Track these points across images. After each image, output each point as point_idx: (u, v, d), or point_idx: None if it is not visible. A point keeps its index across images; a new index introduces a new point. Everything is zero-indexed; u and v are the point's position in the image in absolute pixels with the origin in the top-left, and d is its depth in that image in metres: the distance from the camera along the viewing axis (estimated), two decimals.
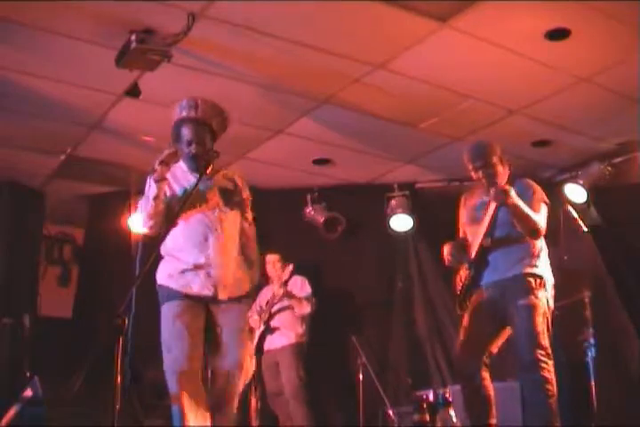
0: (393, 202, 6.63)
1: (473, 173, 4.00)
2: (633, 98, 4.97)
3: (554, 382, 3.62)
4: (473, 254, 3.89)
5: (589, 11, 4.01)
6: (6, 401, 4.49)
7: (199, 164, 3.44)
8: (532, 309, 3.69)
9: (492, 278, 3.84)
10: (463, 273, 4.01)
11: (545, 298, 3.77)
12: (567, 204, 6.14)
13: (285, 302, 5.76)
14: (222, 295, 3.43)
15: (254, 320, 5.62)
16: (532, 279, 3.76)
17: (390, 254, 6.84)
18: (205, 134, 3.56)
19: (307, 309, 5.76)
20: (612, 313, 5.67)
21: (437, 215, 4.44)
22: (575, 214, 6.17)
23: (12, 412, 4.34)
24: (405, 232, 6.64)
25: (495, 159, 3.95)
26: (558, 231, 6.03)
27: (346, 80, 4.84)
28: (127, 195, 6.39)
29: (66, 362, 5.88)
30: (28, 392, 4.45)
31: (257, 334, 5.64)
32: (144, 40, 4.07)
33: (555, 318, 5.36)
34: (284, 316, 5.78)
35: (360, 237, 6.81)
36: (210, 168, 3.29)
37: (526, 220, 3.75)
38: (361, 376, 5.61)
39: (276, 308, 5.77)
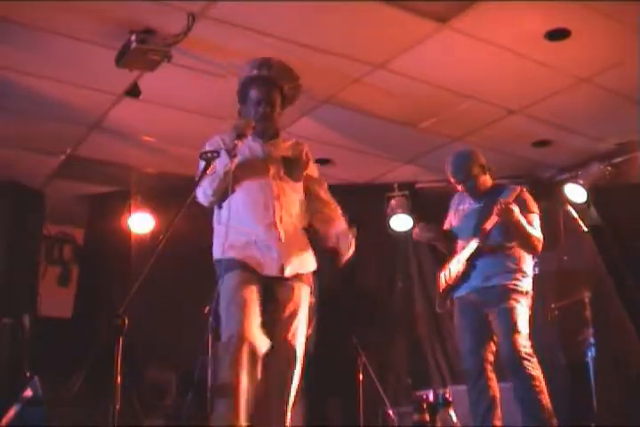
0: (393, 202, 6.63)
1: (456, 186, 4.07)
2: (633, 98, 4.97)
3: (541, 378, 3.68)
4: (467, 257, 3.94)
5: (589, 11, 4.01)
6: (6, 401, 4.49)
7: (267, 126, 3.26)
8: (511, 311, 3.77)
9: (477, 285, 3.90)
10: (449, 273, 4.05)
11: (526, 303, 3.83)
12: (567, 204, 6.14)
13: None
14: (286, 272, 3.14)
15: None
16: (512, 288, 3.83)
17: (390, 254, 6.84)
18: (276, 95, 3.30)
19: None
20: (611, 313, 5.67)
21: (437, 215, 4.45)
22: (575, 214, 6.17)
23: (11, 412, 4.34)
24: (405, 232, 6.64)
25: (476, 170, 4.02)
26: (558, 231, 6.03)
27: (346, 80, 4.84)
28: (127, 195, 6.40)
29: (66, 362, 5.88)
30: (28, 392, 4.45)
31: None
32: (144, 40, 4.07)
33: (554, 317, 5.39)
34: None
35: (360, 237, 6.79)
36: (209, 168, 3.04)
37: (528, 238, 3.85)
38: (361, 376, 5.61)
39: None
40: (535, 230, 3.87)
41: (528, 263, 3.98)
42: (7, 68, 4.62)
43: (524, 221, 3.80)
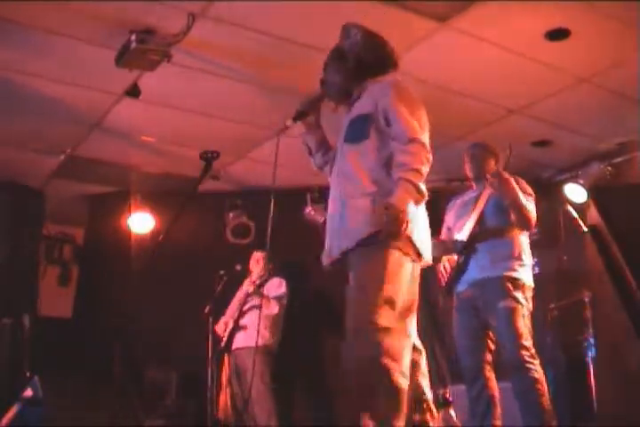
0: None
1: (465, 161, 4.11)
2: (633, 98, 4.97)
3: (543, 381, 3.65)
4: (465, 237, 3.92)
5: (589, 11, 4.00)
6: (6, 401, 4.49)
7: (327, 92, 3.03)
8: (511, 311, 3.73)
9: (474, 276, 3.87)
10: (447, 264, 4.03)
11: (524, 299, 3.80)
12: (567, 204, 6.14)
13: (256, 301, 5.62)
14: (325, 260, 2.94)
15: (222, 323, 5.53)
16: (509, 283, 3.80)
17: None
18: (331, 58, 3.06)
19: (274, 309, 5.49)
20: (611, 313, 5.67)
21: (437, 215, 4.44)
22: (575, 214, 6.17)
23: (11, 412, 4.34)
24: None
25: (489, 154, 4.06)
26: (558, 231, 6.03)
27: None
28: (127, 195, 6.41)
29: (66, 362, 5.89)
30: (28, 392, 4.45)
31: (226, 332, 5.52)
32: (144, 40, 4.07)
33: (554, 317, 5.38)
34: (254, 315, 5.54)
35: None
36: (210, 168, 3.09)
37: (520, 207, 3.79)
38: None
39: (247, 306, 5.63)
40: (529, 204, 3.85)
41: (526, 252, 3.94)
42: (7, 68, 4.62)
43: (519, 191, 3.79)
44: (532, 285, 3.89)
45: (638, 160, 5.81)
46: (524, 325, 3.74)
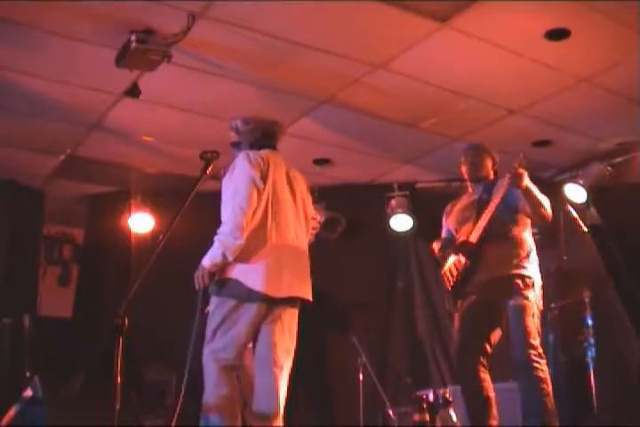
0: (393, 202, 6.63)
1: (462, 163, 4.11)
2: (633, 98, 4.97)
3: (548, 381, 3.65)
4: (475, 239, 3.90)
5: (589, 11, 4.00)
6: (6, 401, 4.50)
7: None
8: (521, 309, 3.73)
9: (483, 277, 3.86)
10: (454, 268, 4.02)
11: (534, 298, 3.79)
12: (567, 204, 6.14)
13: None
14: None
15: None
16: (519, 280, 3.79)
17: (390, 254, 6.84)
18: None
19: None
20: (612, 313, 5.67)
21: (437, 215, 4.45)
22: (575, 214, 6.17)
23: (11, 412, 4.34)
24: (405, 232, 6.64)
25: (486, 155, 4.07)
26: (558, 231, 6.03)
27: (346, 80, 4.84)
28: (127, 195, 6.40)
29: (66, 362, 5.89)
30: (28, 392, 4.46)
31: None
32: (144, 40, 4.07)
33: (554, 317, 5.38)
34: None
35: (360, 237, 6.80)
36: (209, 168, 3.21)
37: (539, 204, 3.82)
38: (361, 376, 5.60)
39: None
40: (546, 201, 3.88)
41: (534, 251, 3.94)
42: (7, 68, 4.62)
43: (535, 189, 3.81)
44: (541, 282, 3.89)
45: (638, 160, 5.81)
46: (532, 323, 3.73)
